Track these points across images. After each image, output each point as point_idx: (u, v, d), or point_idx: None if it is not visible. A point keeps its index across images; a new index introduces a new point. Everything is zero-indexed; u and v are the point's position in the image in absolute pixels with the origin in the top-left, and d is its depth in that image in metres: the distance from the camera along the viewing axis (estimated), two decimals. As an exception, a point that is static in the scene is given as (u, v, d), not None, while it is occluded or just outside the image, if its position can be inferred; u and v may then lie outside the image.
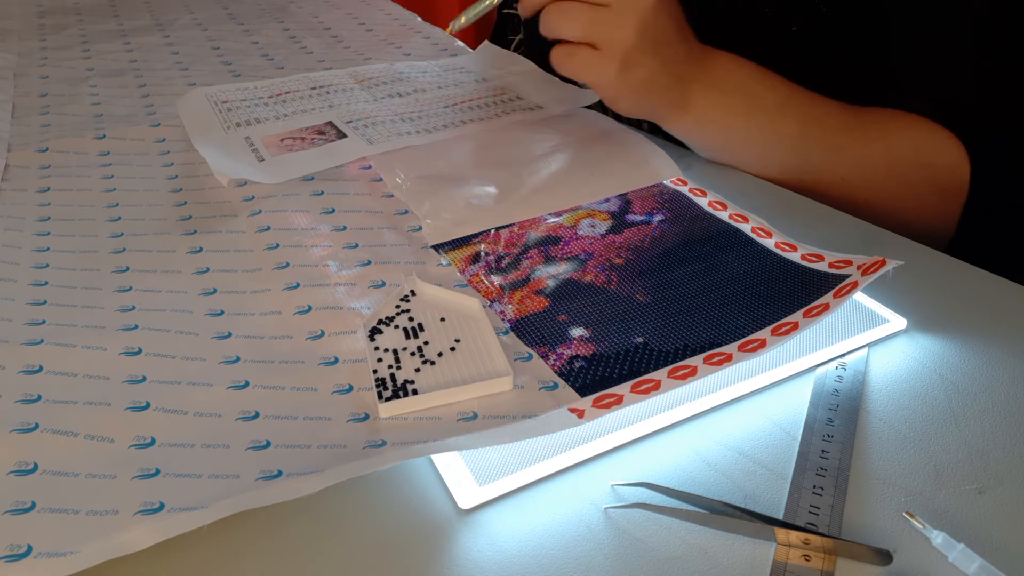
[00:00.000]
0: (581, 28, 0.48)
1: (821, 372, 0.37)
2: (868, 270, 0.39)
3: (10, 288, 0.44)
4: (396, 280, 0.43)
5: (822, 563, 0.28)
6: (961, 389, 0.36)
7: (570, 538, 0.30)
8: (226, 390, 0.36)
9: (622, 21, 0.47)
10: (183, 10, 1.00)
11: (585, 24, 0.47)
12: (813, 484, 0.31)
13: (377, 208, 0.51)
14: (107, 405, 0.35)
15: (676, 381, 0.35)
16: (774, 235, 0.45)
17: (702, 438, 0.34)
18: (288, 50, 0.84)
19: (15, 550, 0.28)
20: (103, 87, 0.75)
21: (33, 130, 0.66)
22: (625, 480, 0.32)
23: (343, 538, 0.30)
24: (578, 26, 0.48)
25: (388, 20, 0.94)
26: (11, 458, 0.32)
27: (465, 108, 0.65)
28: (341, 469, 0.30)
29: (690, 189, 0.51)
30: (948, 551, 0.28)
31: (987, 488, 0.31)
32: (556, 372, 0.36)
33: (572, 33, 0.48)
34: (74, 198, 0.55)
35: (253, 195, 0.53)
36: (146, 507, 0.30)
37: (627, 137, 0.57)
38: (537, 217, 0.49)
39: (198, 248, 0.48)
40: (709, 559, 0.29)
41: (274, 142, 0.61)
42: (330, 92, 0.69)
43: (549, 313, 0.40)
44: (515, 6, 0.89)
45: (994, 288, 0.43)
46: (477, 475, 0.32)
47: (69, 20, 0.97)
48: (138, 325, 0.41)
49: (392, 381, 0.35)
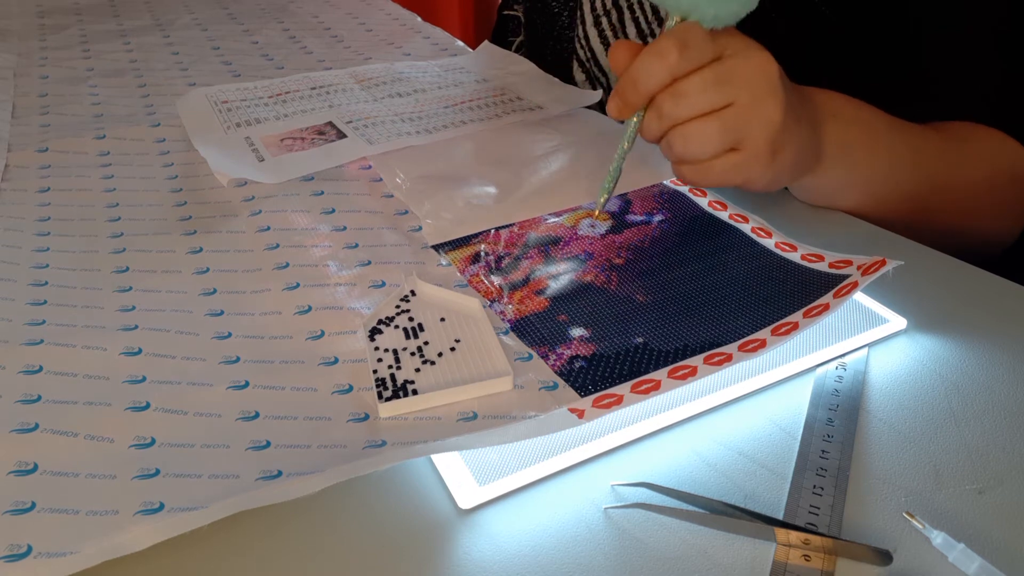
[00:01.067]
0: (716, 141, 0.42)
1: (821, 372, 0.37)
2: (868, 270, 0.39)
3: (10, 288, 0.44)
4: (396, 280, 0.43)
5: (822, 563, 0.28)
6: (961, 389, 0.36)
7: (570, 538, 0.30)
8: (226, 390, 0.36)
9: (757, 112, 0.41)
10: (183, 10, 1.00)
11: (718, 135, 0.41)
12: (813, 484, 0.31)
13: (377, 208, 0.51)
14: (107, 405, 0.35)
15: (676, 381, 0.35)
16: (774, 235, 0.45)
17: (702, 438, 0.34)
18: (288, 50, 0.84)
19: (15, 550, 0.28)
20: (103, 87, 0.75)
21: (33, 130, 0.66)
22: (625, 480, 0.32)
23: (343, 538, 0.30)
24: (712, 141, 0.42)
25: (388, 20, 0.94)
26: (11, 458, 0.32)
27: (465, 108, 0.65)
28: (341, 469, 0.30)
29: (690, 189, 0.51)
30: (948, 551, 0.28)
31: (987, 488, 0.31)
32: (556, 372, 0.36)
33: (709, 151, 0.42)
34: (74, 198, 0.55)
35: (253, 195, 0.53)
36: (146, 507, 0.30)
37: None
38: (537, 217, 0.49)
39: (198, 248, 0.48)
40: (709, 559, 0.29)
41: (274, 142, 0.61)
42: (330, 92, 0.69)
43: (549, 313, 0.40)
44: (515, 8, 0.89)
45: (994, 288, 0.43)
46: (477, 475, 0.32)
47: (69, 20, 0.97)
48: (138, 325, 0.41)
49: (392, 381, 0.35)
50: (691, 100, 0.41)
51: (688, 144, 0.42)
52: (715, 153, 0.42)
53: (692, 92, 0.41)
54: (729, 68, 0.41)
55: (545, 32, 0.81)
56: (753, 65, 0.41)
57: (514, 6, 0.89)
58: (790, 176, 0.47)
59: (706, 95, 0.41)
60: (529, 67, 0.73)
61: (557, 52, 0.79)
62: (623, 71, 0.42)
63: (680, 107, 0.41)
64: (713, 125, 0.41)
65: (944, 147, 0.52)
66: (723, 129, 0.41)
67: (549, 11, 0.79)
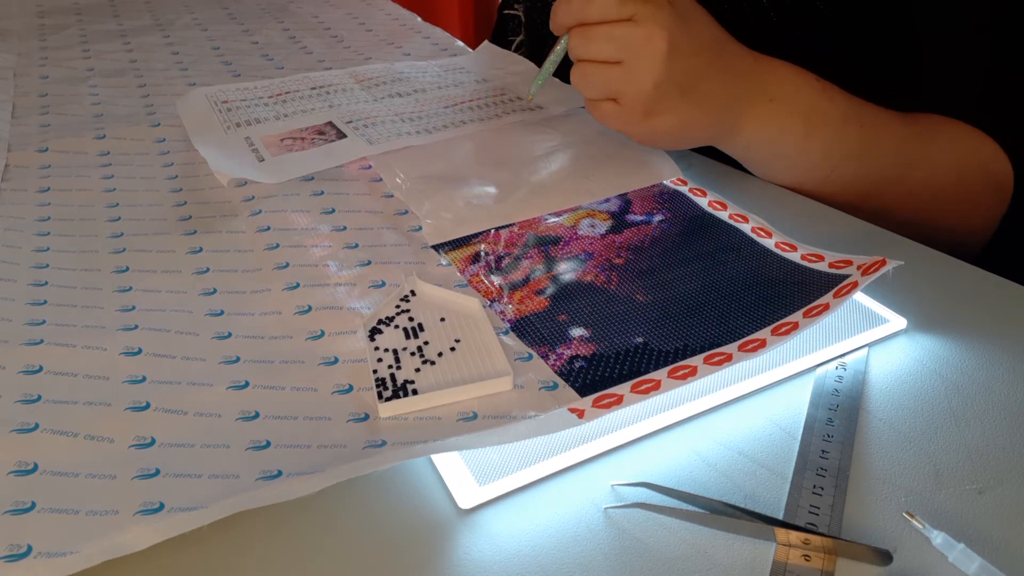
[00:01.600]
0: (599, 88, 0.49)
1: (821, 372, 0.37)
2: (868, 270, 0.39)
3: (10, 288, 0.44)
4: (396, 280, 0.43)
5: (822, 563, 0.28)
6: (961, 389, 0.36)
7: (570, 538, 0.30)
8: (226, 390, 0.36)
9: (633, 76, 0.47)
10: (183, 10, 1.00)
11: (601, 83, 0.49)
12: (813, 484, 0.31)
13: (377, 208, 0.51)
14: (107, 405, 0.35)
15: (676, 381, 0.35)
16: (774, 235, 0.45)
17: (702, 438, 0.34)
18: (288, 50, 0.84)
19: (15, 550, 0.28)
20: (103, 87, 0.75)
21: (33, 130, 0.66)
22: (625, 480, 0.32)
23: (343, 538, 0.30)
24: (596, 87, 0.49)
25: (388, 20, 0.94)
26: (11, 458, 0.32)
27: (465, 108, 0.65)
28: (341, 469, 0.30)
29: (690, 189, 0.51)
30: (948, 551, 0.28)
31: (987, 488, 0.31)
32: (556, 372, 0.36)
33: (592, 93, 0.50)
34: (74, 198, 0.55)
35: (253, 195, 0.53)
36: (146, 507, 0.30)
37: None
38: (537, 217, 0.49)
39: (198, 248, 0.48)
40: (709, 559, 0.29)
41: (274, 142, 0.61)
42: (330, 92, 0.70)
43: (549, 313, 0.40)
44: (516, 7, 0.89)
45: (994, 288, 0.43)
46: (477, 475, 0.32)
47: (69, 20, 0.97)
48: (138, 325, 0.41)
49: (392, 381, 0.35)
50: (589, 45, 0.49)
51: (578, 81, 0.50)
52: (598, 97, 0.50)
53: (593, 40, 0.48)
54: (624, 31, 0.47)
55: (546, 32, 0.80)
56: (642, 34, 0.47)
57: (514, 5, 0.89)
58: (673, 140, 0.52)
59: (600, 45, 0.48)
60: (529, 67, 0.73)
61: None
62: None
63: (581, 47, 0.49)
64: (598, 74, 0.49)
65: (906, 140, 0.53)
66: (604, 79, 0.49)
67: (550, 11, 0.79)
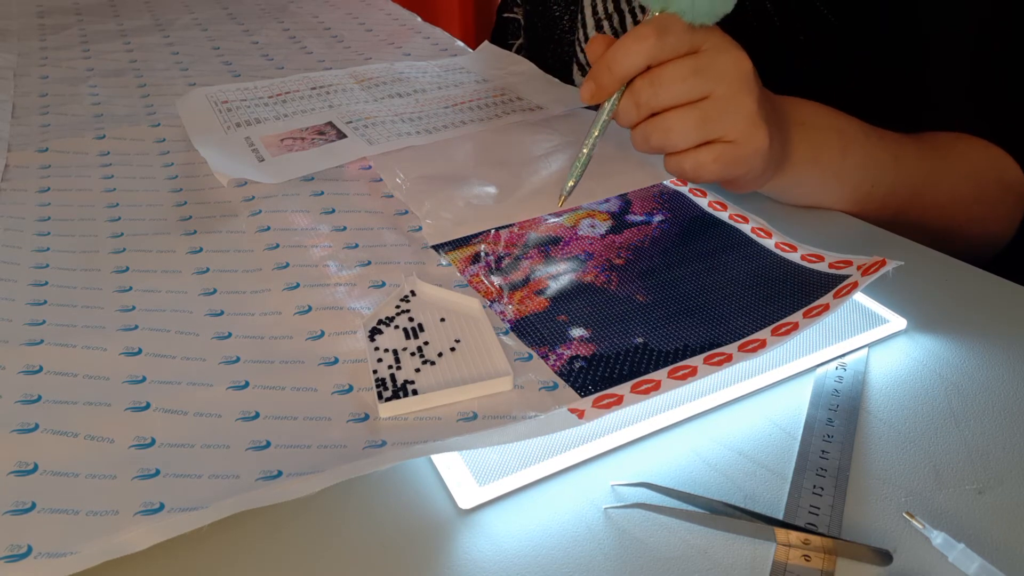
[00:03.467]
0: (693, 132, 0.42)
1: (821, 372, 0.37)
2: (868, 270, 0.39)
3: (10, 288, 0.44)
4: (396, 280, 0.43)
5: (822, 563, 0.28)
6: (961, 389, 0.36)
7: (570, 538, 0.30)
8: (226, 390, 0.36)
9: (733, 105, 0.41)
10: (183, 10, 1.00)
11: (695, 125, 0.42)
12: (813, 484, 0.31)
13: (377, 208, 0.51)
14: (107, 405, 0.35)
15: (676, 381, 0.35)
16: (774, 235, 0.45)
17: (702, 438, 0.34)
18: (288, 50, 0.84)
19: (15, 550, 0.28)
20: (103, 87, 0.75)
21: (33, 130, 0.66)
22: (625, 480, 0.32)
23: (343, 538, 0.30)
24: (687, 132, 0.42)
25: (388, 20, 0.94)
26: (11, 458, 0.32)
27: (465, 108, 0.65)
28: (341, 469, 0.30)
29: (690, 189, 0.51)
30: (948, 551, 0.28)
31: (987, 488, 0.31)
32: (556, 372, 0.36)
33: (686, 141, 0.42)
34: (74, 198, 0.55)
35: (253, 195, 0.53)
36: (146, 507, 0.30)
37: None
38: (537, 217, 0.49)
39: (198, 248, 0.48)
40: (709, 559, 0.29)
41: (274, 142, 0.61)
42: (330, 92, 0.69)
43: (549, 313, 0.40)
44: (515, 10, 0.89)
45: (994, 288, 0.43)
46: (477, 475, 0.32)
47: (69, 20, 0.97)
48: (138, 325, 0.41)
49: (392, 381, 0.35)
50: (669, 88, 0.41)
51: (669, 135, 0.42)
52: (694, 143, 0.42)
53: (670, 80, 0.41)
54: (707, 60, 0.41)
55: (545, 35, 0.81)
56: (730, 59, 0.42)
57: (514, 9, 0.89)
58: (769, 172, 0.47)
59: (685, 84, 0.41)
60: (529, 67, 0.73)
61: (558, 55, 0.79)
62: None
63: (658, 95, 0.41)
64: (693, 115, 0.41)
65: (924, 156, 0.52)
66: (703, 119, 0.42)
67: (550, 14, 0.79)
